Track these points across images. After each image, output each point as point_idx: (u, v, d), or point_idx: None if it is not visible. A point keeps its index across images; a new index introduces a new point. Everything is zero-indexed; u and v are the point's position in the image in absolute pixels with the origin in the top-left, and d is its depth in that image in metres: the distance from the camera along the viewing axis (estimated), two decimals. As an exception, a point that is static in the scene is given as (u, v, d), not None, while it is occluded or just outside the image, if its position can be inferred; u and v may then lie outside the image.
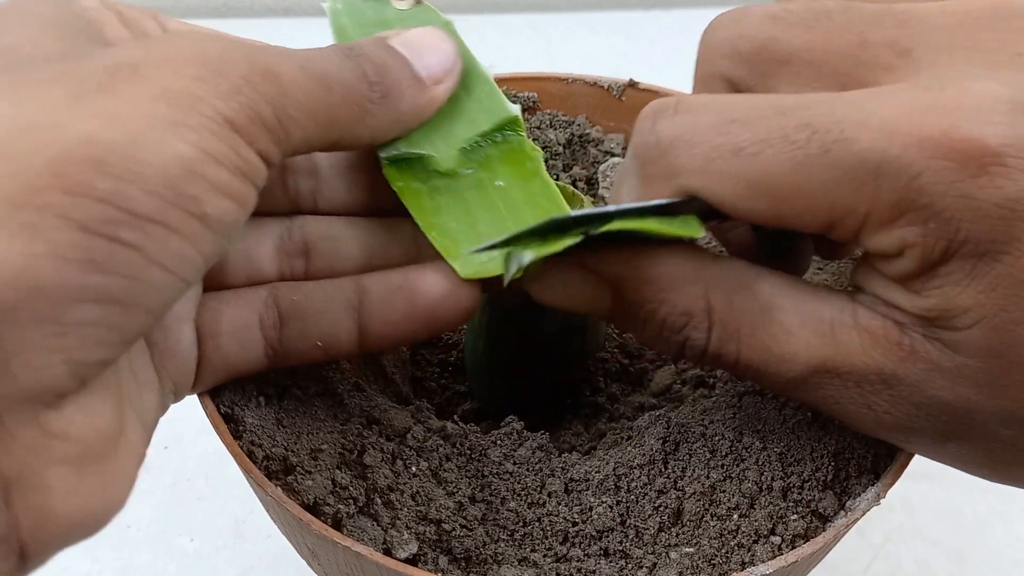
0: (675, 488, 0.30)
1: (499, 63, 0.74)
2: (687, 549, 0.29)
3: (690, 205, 0.25)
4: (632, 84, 0.45)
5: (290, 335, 0.29)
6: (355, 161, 0.31)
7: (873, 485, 0.31)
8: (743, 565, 0.29)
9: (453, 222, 0.30)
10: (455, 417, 0.36)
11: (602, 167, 0.44)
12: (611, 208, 0.25)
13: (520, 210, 0.30)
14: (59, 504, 0.21)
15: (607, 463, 0.30)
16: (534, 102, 0.45)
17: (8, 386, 0.19)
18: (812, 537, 0.29)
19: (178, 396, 0.29)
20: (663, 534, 0.30)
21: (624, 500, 0.30)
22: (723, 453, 0.30)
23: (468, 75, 0.31)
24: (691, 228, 0.25)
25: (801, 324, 0.25)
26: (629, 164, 0.26)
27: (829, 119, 0.23)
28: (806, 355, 0.25)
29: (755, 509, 0.30)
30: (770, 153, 0.23)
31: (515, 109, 0.31)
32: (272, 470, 0.30)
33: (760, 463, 0.30)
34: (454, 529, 0.29)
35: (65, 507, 0.21)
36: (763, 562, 0.29)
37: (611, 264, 0.26)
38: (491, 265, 0.29)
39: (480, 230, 0.30)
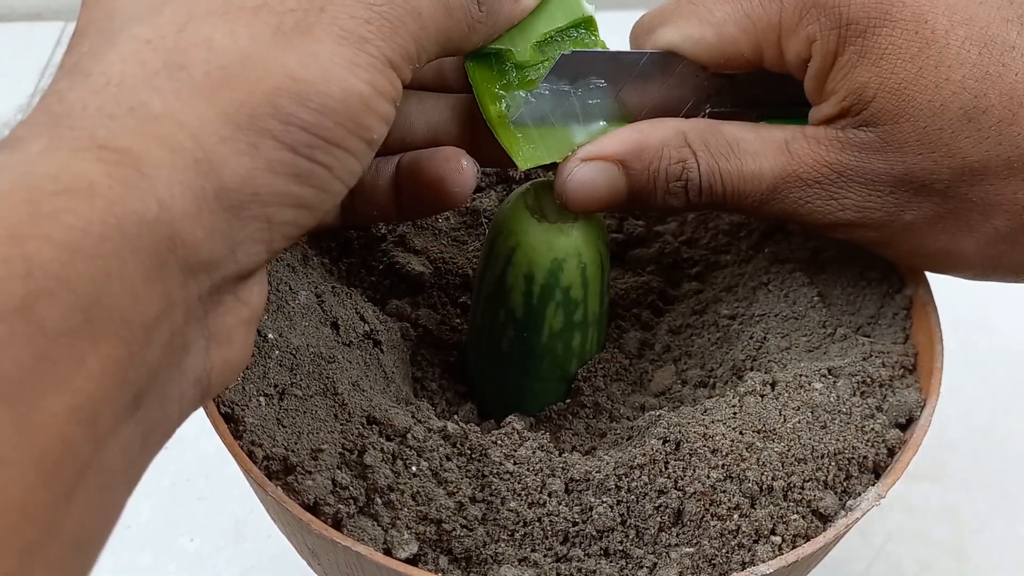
0: (675, 488, 0.30)
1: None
2: (687, 549, 0.29)
3: (658, 56, 0.33)
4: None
5: (354, 205, 0.36)
6: None
7: (873, 485, 0.31)
8: (743, 565, 0.29)
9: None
10: (456, 417, 0.36)
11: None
12: (596, 51, 0.33)
13: None
14: (236, 355, 0.26)
15: (607, 463, 0.30)
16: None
17: (230, 268, 0.24)
18: (813, 537, 0.29)
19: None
20: (663, 534, 0.30)
21: (624, 500, 0.30)
22: (723, 453, 0.30)
23: None
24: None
25: (762, 146, 0.32)
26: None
27: None
28: (770, 168, 0.32)
29: (755, 509, 0.30)
30: None
31: (590, 9, 0.34)
32: (272, 470, 0.30)
33: (760, 463, 0.30)
34: (454, 529, 0.29)
35: (238, 357, 0.26)
36: (763, 562, 0.29)
37: (616, 146, 0.33)
38: (545, 156, 0.33)
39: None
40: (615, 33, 0.36)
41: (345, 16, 0.25)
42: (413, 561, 0.29)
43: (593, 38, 0.34)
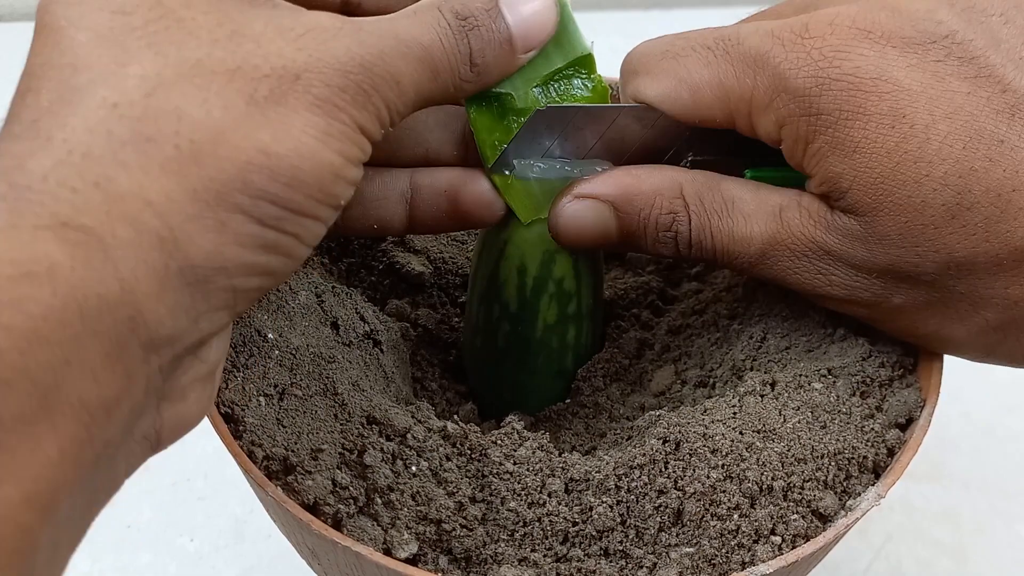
0: (675, 488, 0.30)
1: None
2: (687, 549, 0.29)
3: (637, 109, 0.32)
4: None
5: (352, 216, 0.34)
6: None
7: (873, 485, 0.31)
8: (743, 565, 0.29)
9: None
10: (455, 417, 0.36)
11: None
12: (573, 106, 0.33)
13: None
14: (189, 410, 0.26)
15: (607, 463, 0.30)
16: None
17: (193, 336, 0.24)
18: (812, 537, 0.29)
19: None
20: (663, 534, 0.30)
21: (624, 500, 0.30)
22: (723, 453, 0.30)
23: None
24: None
25: (756, 209, 0.32)
26: None
27: (735, 31, 0.31)
28: (760, 233, 0.32)
29: (755, 509, 0.30)
30: (692, 56, 0.31)
31: (589, 47, 0.33)
32: (272, 470, 0.30)
33: (760, 463, 0.30)
34: (454, 529, 0.29)
35: (191, 412, 0.26)
36: (763, 562, 0.29)
37: (608, 187, 0.33)
38: (546, 210, 0.33)
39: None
40: (616, 33, 0.37)
41: (320, 85, 0.25)
42: (413, 561, 0.29)
43: (591, 76, 0.33)
